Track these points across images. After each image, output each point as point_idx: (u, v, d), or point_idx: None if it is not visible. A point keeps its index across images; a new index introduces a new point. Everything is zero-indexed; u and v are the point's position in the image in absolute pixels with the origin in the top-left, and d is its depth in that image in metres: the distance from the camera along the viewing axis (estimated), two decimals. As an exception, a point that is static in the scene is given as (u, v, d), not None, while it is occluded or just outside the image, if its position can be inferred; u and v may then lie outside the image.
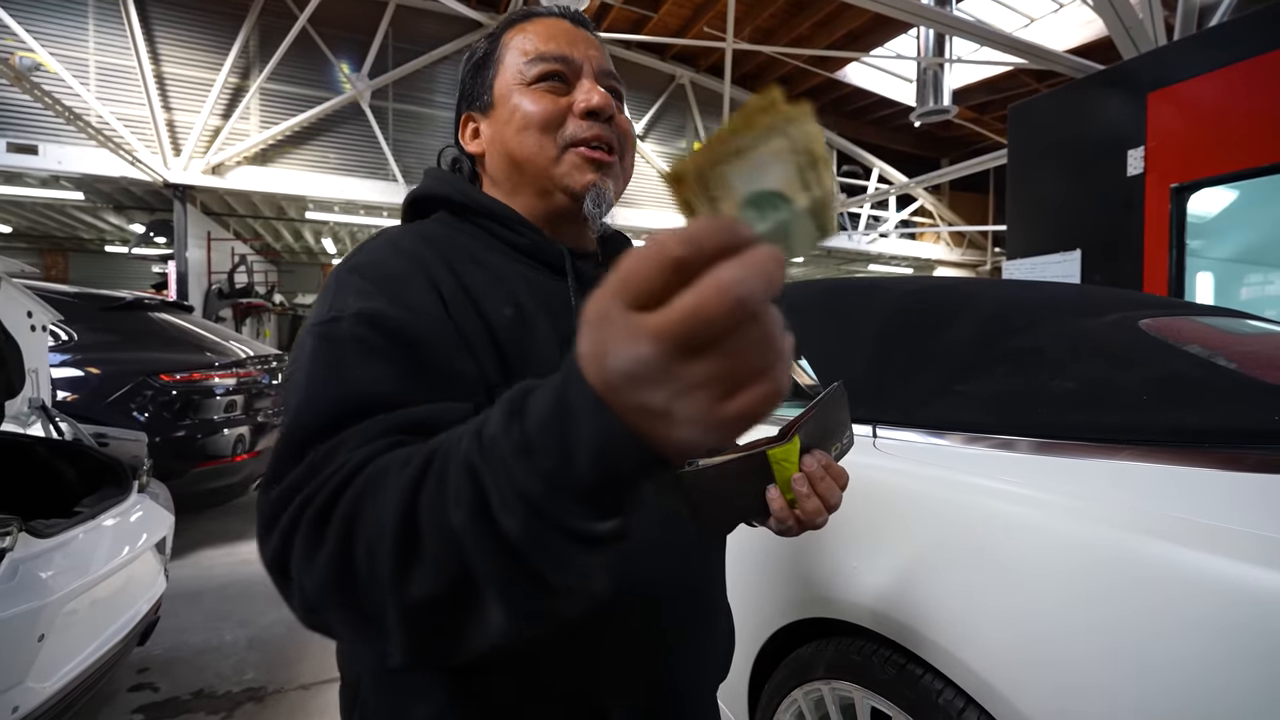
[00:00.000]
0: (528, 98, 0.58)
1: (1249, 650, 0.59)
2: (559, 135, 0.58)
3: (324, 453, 0.40)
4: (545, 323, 0.56)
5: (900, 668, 0.92)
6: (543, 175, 0.58)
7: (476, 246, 0.58)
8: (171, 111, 6.62)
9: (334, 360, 0.45)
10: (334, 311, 0.47)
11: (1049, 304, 1.15)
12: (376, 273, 0.51)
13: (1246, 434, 0.80)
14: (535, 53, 0.59)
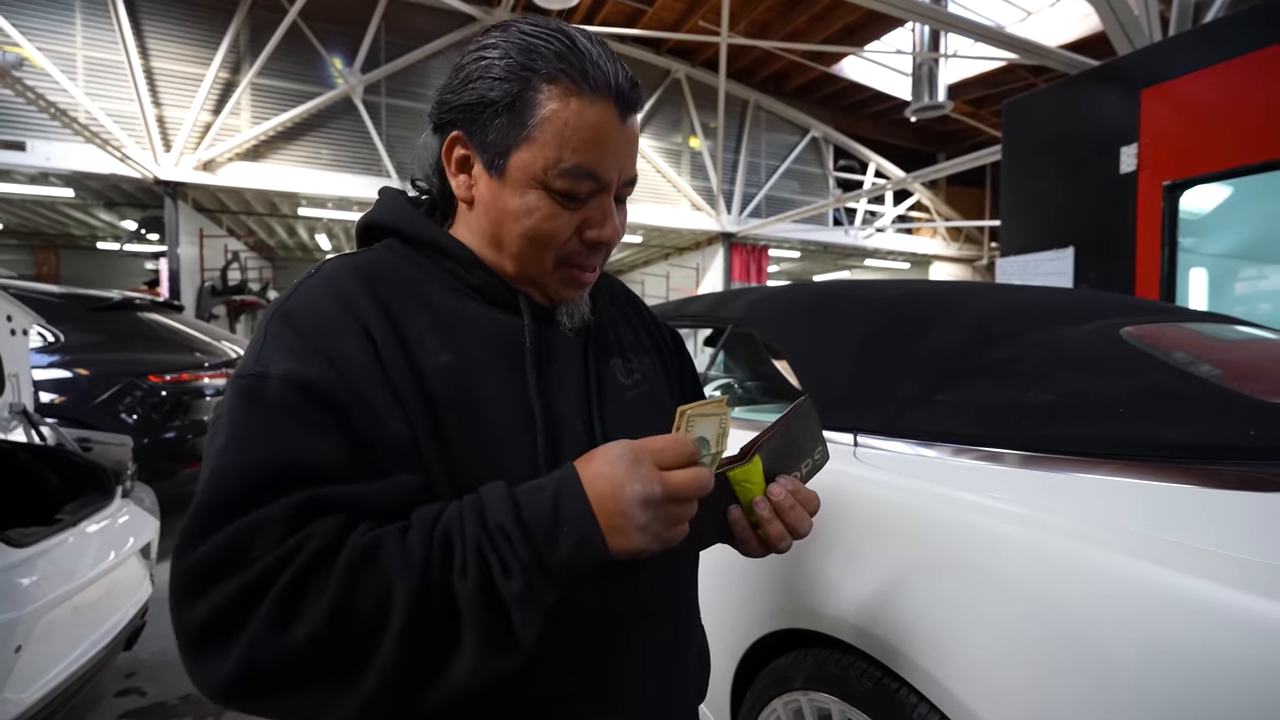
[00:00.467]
0: (545, 205, 0.52)
1: (1228, 675, 0.58)
2: (558, 251, 0.55)
3: (260, 522, 0.40)
4: (494, 370, 0.54)
5: (877, 681, 0.92)
6: (528, 276, 0.57)
7: (423, 279, 0.55)
8: (161, 107, 6.56)
9: (263, 424, 0.44)
10: (260, 366, 0.46)
11: (1031, 311, 1.14)
12: (308, 323, 0.49)
13: (1223, 449, 0.79)
14: (571, 163, 0.51)
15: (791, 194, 10.13)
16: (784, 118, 9.98)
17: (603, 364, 0.62)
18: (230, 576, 0.39)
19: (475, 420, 0.51)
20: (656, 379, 0.68)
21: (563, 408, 0.56)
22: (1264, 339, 1.31)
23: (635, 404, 0.63)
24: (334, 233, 10.26)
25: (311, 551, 0.40)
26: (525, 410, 0.54)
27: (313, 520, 0.42)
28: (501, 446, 0.52)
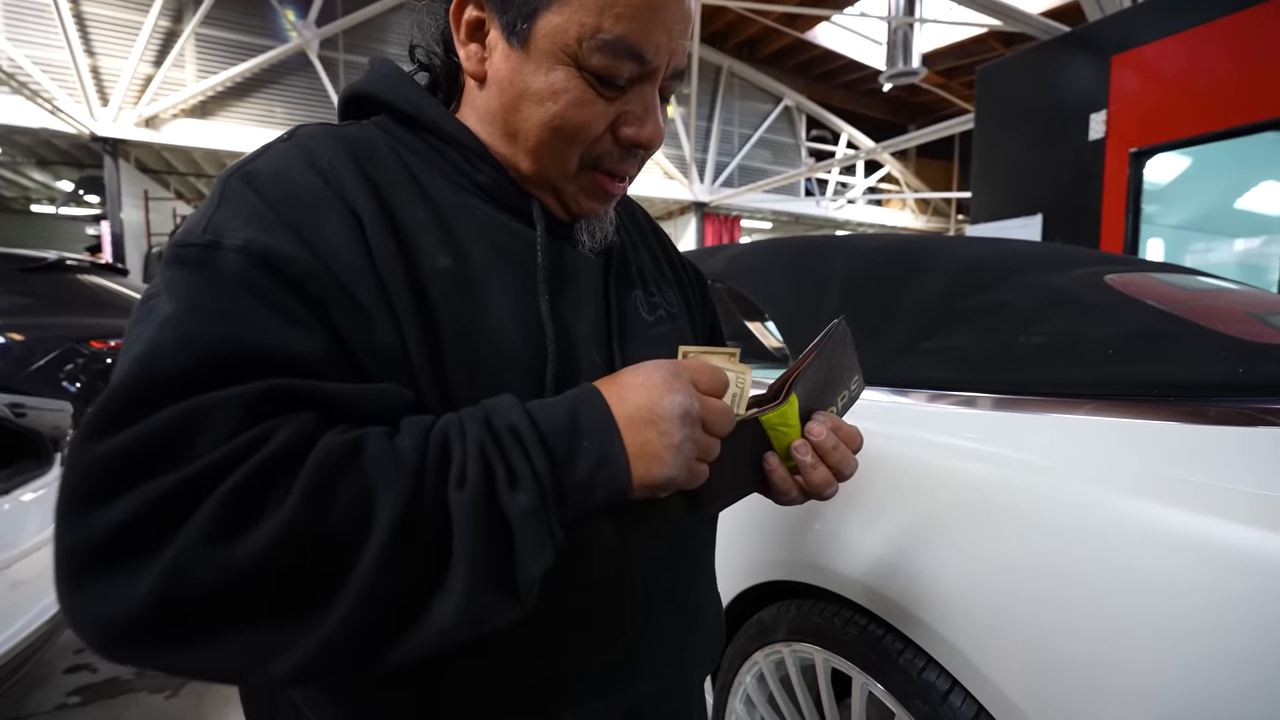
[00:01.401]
0: (575, 91, 0.43)
1: (1223, 607, 0.57)
2: (587, 150, 0.45)
3: (207, 407, 0.30)
4: (502, 283, 0.45)
5: (862, 629, 0.91)
6: (547, 177, 0.47)
7: (421, 167, 0.46)
8: (95, 56, 6.09)
9: (218, 297, 0.34)
10: (211, 235, 0.36)
11: (1016, 260, 1.12)
12: (279, 191, 0.38)
13: (1207, 387, 0.79)
14: (614, 34, 0.41)
15: (764, 164, 10.06)
16: (757, 85, 9.83)
17: (625, 294, 0.53)
18: (155, 475, 0.28)
19: (477, 339, 0.43)
20: (680, 317, 0.59)
21: (579, 335, 0.48)
22: (1231, 289, 1.32)
23: (657, 343, 0.54)
24: (291, 198, 9.83)
25: (273, 449, 0.30)
26: (536, 333, 0.45)
27: (278, 415, 0.32)
28: (506, 371, 0.43)
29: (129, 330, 0.35)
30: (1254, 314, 1.23)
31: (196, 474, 0.29)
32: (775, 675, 1.09)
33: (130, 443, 0.29)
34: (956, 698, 0.77)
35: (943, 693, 0.78)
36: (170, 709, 1.75)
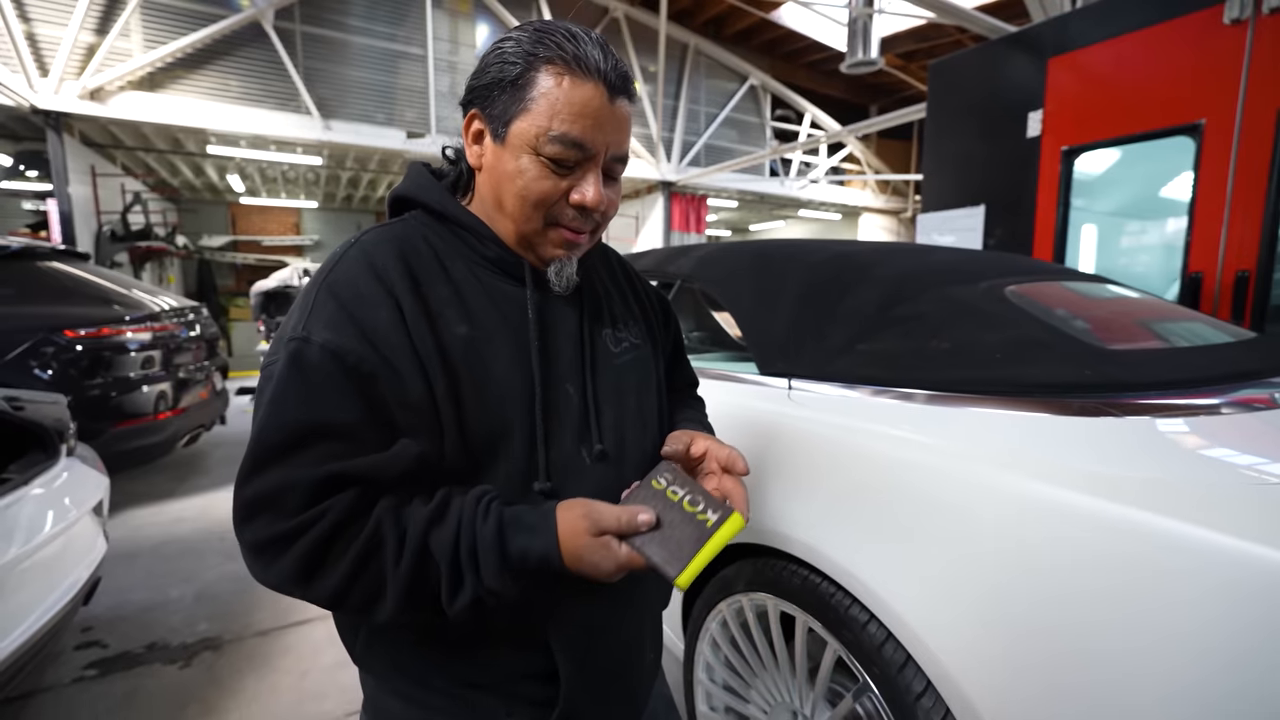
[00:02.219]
0: (534, 168, 0.60)
1: (1080, 559, 0.78)
2: (548, 212, 0.63)
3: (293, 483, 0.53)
4: (503, 338, 0.63)
5: (804, 580, 1.12)
6: (522, 235, 0.65)
7: (446, 251, 0.65)
8: (30, 23, 5.77)
9: (301, 387, 0.55)
10: (305, 331, 0.57)
11: (935, 272, 1.33)
12: (347, 296, 0.58)
13: (1069, 385, 1.01)
14: (559, 132, 0.58)
15: (730, 143, 10.17)
16: (723, 64, 9.89)
17: (596, 333, 0.72)
18: (269, 520, 0.53)
19: (485, 384, 0.61)
20: (643, 344, 0.79)
21: (558, 374, 0.66)
22: (1118, 296, 1.57)
23: (623, 369, 0.74)
24: (247, 173, 9.49)
25: (330, 523, 0.53)
26: (527, 375, 0.64)
27: (334, 493, 0.54)
28: (505, 407, 0.62)
29: (260, 388, 0.59)
30: (1138, 321, 1.48)
31: (289, 529, 0.53)
32: (736, 621, 1.31)
33: (252, 494, 0.54)
34: (873, 626, 0.99)
35: (863, 623, 1.00)
36: (184, 678, 1.89)
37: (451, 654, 0.65)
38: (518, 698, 0.67)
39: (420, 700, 0.67)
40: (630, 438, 0.72)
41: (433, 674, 0.66)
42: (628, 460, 0.71)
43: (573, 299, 0.71)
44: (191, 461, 4.26)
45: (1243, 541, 0.67)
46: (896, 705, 0.96)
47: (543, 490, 0.63)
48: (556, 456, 0.64)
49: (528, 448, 0.62)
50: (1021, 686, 0.80)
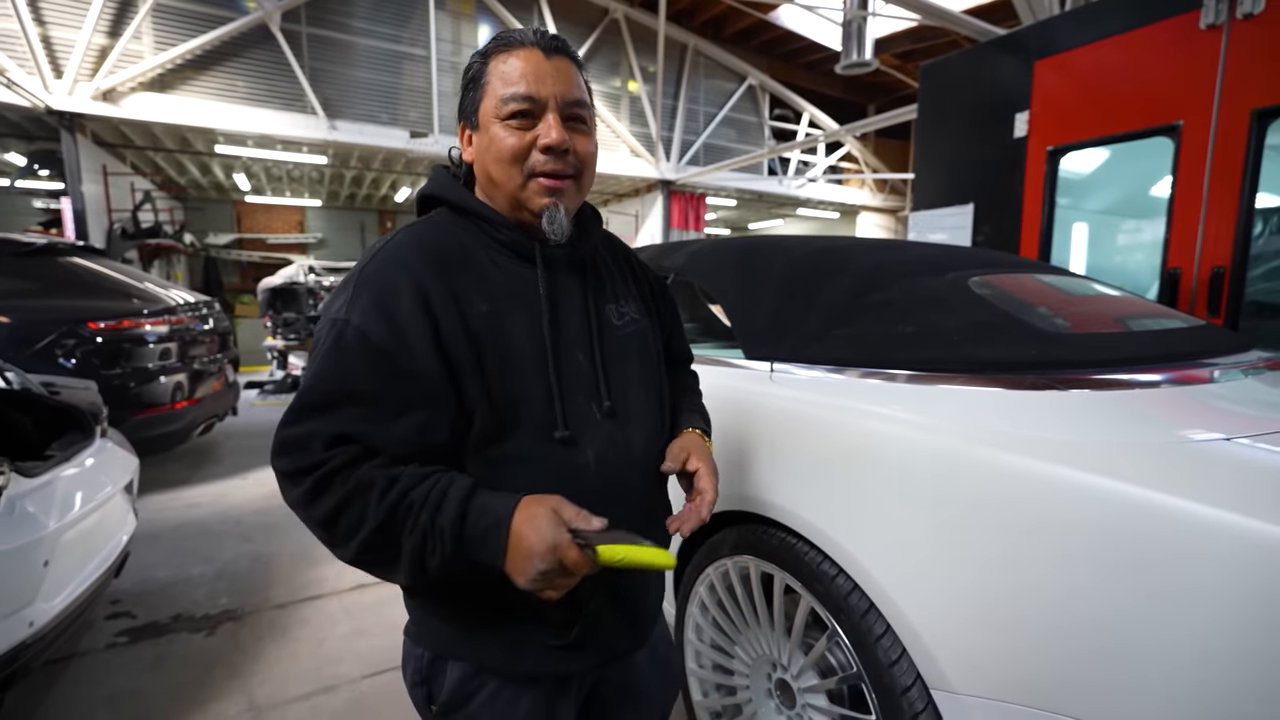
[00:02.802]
0: (501, 131, 0.72)
1: (1038, 518, 0.91)
2: (524, 166, 0.73)
3: (318, 432, 0.66)
4: (519, 312, 0.74)
5: (781, 541, 1.24)
6: (512, 196, 0.75)
7: (468, 240, 0.76)
8: (46, 26, 5.90)
9: (337, 359, 0.68)
10: (347, 313, 0.69)
11: (905, 265, 1.45)
12: (379, 285, 0.70)
13: (1021, 363, 1.13)
14: (509, 90, 0.71)
15: (729, 142, 10.29)
16: (722, 64, 10.00)
17: (600, 308, 0.83)
18: (295, 457, 0.66)
19: (506, 354, 0.72)
20: (642, 320, 0.89)
21: (568, 342, 0.77)
22: (1088, 287, 1.69)
23: (625, 340, 0.84)
24: (253, 172, 9.62)
25: (332, 466, 0.65)
26: (540, 344, 0.74)
27: (342, 445, 0.66)
28: (524, 374, 0.72)
29: (312, 351, 0.71)
30: (1099, 309, 1.60)
31: (307, 465, 0.65)
32: (722, 583, 1.43)
33: (288, 436, 0.67)
34: (841, 579, 1.11)
35: (832, 576, 1.12)
36: (209, 645, 2.02)
37: (484, 580, 0.73)
38: (544, 617, 0.76)
39: (460, 620, 0.77)
40: (633, 397, 0.83)
41: (469, 597, 0.76)
42: (632, 417, 0.81)
43: (579, 278, 0.82)
44: (205, 450, 4.39)
45: (1157, 493, 0.78)
46: (861, 647, 1.08)
47: (562, 438, 0.73)
48: (572, 411, 0.75)
49: (546, 404, 0.73)
50: (965, 624, 0.93)
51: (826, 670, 1.20)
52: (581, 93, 0.75)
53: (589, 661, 0.80)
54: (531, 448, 0.73)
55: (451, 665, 0.78)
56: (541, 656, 0.77)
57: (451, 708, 0.78)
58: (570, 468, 0.74)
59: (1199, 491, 0.77)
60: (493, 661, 0.77)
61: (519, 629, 0.77)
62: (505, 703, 0.77)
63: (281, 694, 1.79)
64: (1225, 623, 0.72)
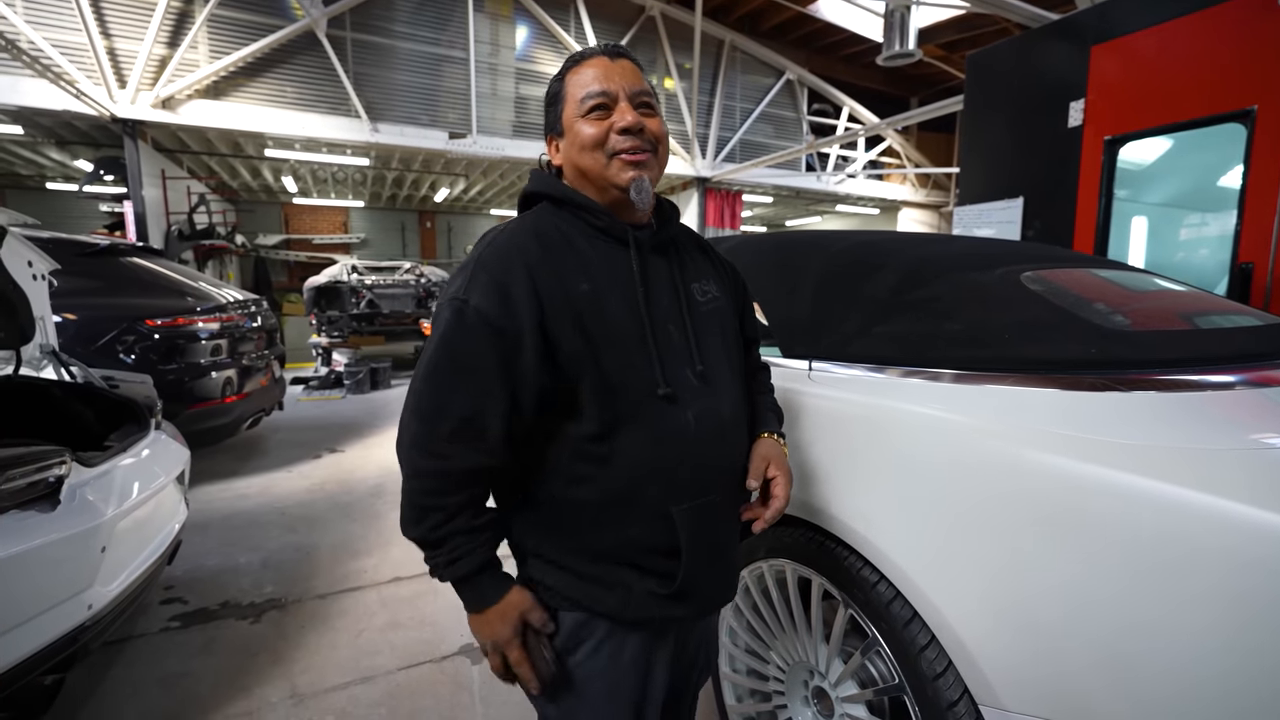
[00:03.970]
0: (583, 125, 0.85)
1: (1082, 523, 0.86)
2: (606, 149, 0.84)
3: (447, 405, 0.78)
4: (615, 291, 0.84)
5: (820, 545, 1.20)
6: (600, 178, 0.86)
7: (568, 229, 0.86)
8: (111, 39, 6.22)
9: (459, 334, 0.78)
10: (465, 295, 0.79)
11: (952, 259, 1.39)
12: (496, 267, 0.80)
13: (1079, 362, 1.06)
14: (585, 92, 0.85)
15: (765, 138, 10.14)
16: (759, 59, 9.86)
17: (686, 285, 0.92)
18: (425, 435, 0.79)
19: (608, 327, 0.82)
20: (723, 299, 0.98)
21: (660, 315, 0.87)
22: (1136, 281, 1.59)
23: (709, 315, 0.94)
24: (300, 175, 9.96)
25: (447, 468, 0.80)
26: (638, 318, 0.84)
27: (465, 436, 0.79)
28: (626, 343, 0.83)
29: (434, 321, 0.82)
30: (1166, 306, 1.50)
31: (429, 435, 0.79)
32: (757, 586, 1.40)
33: (419, 401, 0.80)
34: (882, 586, 1.07)
35: (873, 583, 1.08)
36: (255, 632, 2.09)
37: (593, 532, 0.85)
38: (645, 569, 0.85)
39: (574, 571, 0.86)
40: (719, 366, 0.92)
41: (575, 545, 0.86)
42: (719, 380, 0.91)
43: (665, 259, 0.92)
44: (253, 444, 4.56)
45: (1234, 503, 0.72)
46: (903, 658, 1.03)
47: (665, 395, 0.83)
48: (671, 373, 0.85)
49: (648, 369, 0.83)
50: (1017, 639, 0.88)
51: (866, 680, 1.15)
52: (646, 85, 0.88)
53: (690, 610, 0.89)
54: (639, 408, 0.82)
55: (563, 616, 0.88)
56: (649, 603, 0.86)
57: (562, 654, 0.88)
58: (674, 425, 0.83)
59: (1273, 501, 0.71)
60: (604, 607, 0.86)
61: (628, 578, 0.85)
62: (613, 647, 0.87)
63: (321, 682, 1.84)
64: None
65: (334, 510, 3.25)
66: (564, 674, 0.88)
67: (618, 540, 0.83)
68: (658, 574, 0.85)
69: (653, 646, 0.91)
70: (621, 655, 0.88)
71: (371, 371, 7.05)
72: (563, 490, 0.84)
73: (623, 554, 0.84)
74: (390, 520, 3.12)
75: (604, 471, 0.82)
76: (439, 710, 1.71)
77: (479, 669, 1.89)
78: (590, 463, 0.82)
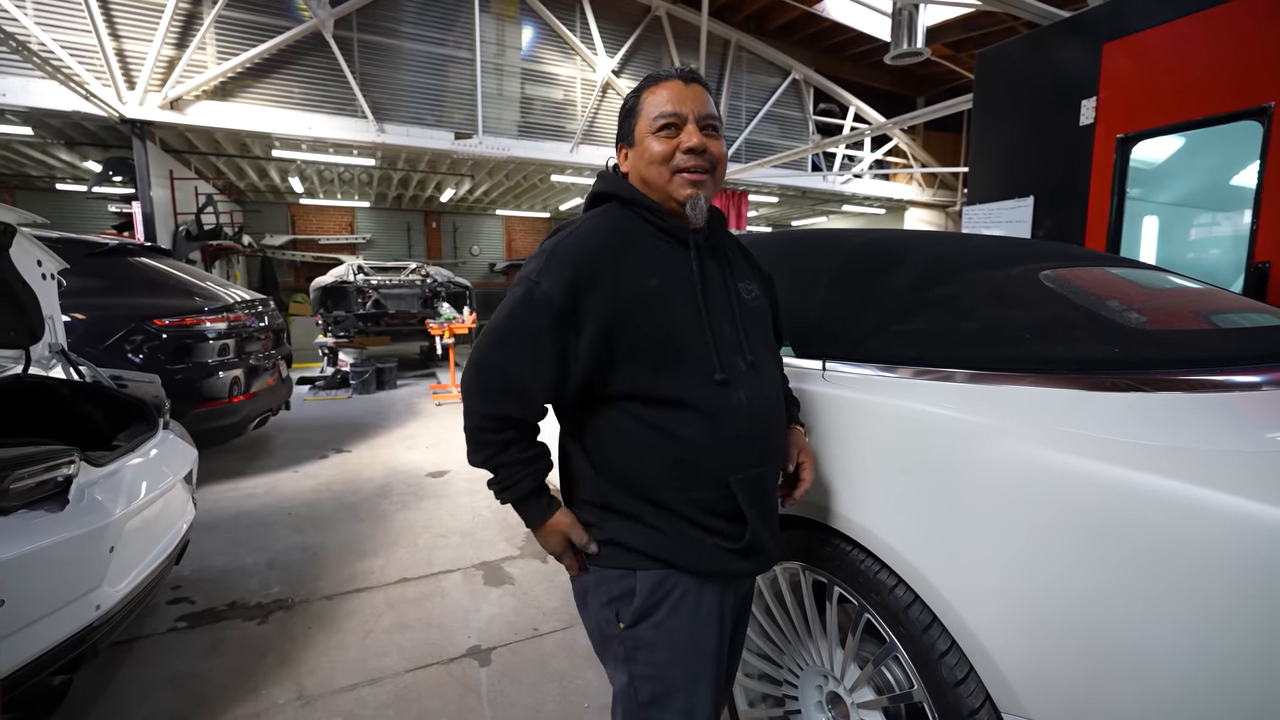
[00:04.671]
0: (653, 141, 0.95)
1: (1106, 526, 0.84)
2: (671, 165, 0.94)
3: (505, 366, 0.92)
4: (677, 286, 0.94)
5: (835, 547, 1.18)
6: (663, 190, 0.96)
7: (635, 229, 0.96)
8: (120, 40, 6.24)
9: (527, 311, 0.89)
10: (537, 277, 0.89)
11: (968, 257, 1.36)
12: (569, 259, 0.90)
13: (1097, 362, 1.04)
14: (658, 111, 0.95)
15: (771, 138, 10.10)
16: (765, 58, 9.82)
17: (734, 285, 1.02)
18: (484, 385, 0.93)
19: (673, 319, 0.92)
20: (763, 299, 1.09)
21: (715, 310, 0.96)
22: (1155, 280, 1.56)
23: (754, 312, 1.03)
24: (306, 175, 9.98)
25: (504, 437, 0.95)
26: (697, 312, 0.94)
27: (515, 394, 0.92)
28: (688, 333, 0.92)
29: (507, 297, 0.93)
30: (1168, 304, 1.48)
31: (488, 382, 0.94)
32: (771, 590, 1.38)
33: (487, 360, 0.93)
34: (900, 589, 1.05)
35: (890, 587, 1.06)
36: (262, 632, 2.08)
37: (661, 489, 0.94)
38: (708, 528, 0.95)
39: (653, 529, 0.95)
40: (763, 354, 1.02)
41: (650, 502, 0.95)
42: (765, 370, 1.01)
43: (717, 262, 1.01)
44: (259, 443, 4.56)
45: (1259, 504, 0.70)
46: (922, 664, 1.01)
47: (720, 380, 0.92)
48: (725, 361, 0.94)
49: (706, 357, 0.92)
50: (1041, 645, 0.85)
51: (883, 686, 1.13)
52: (713, 109, 0.97)
53: (753, 565, 1.00)
54: (699, 390, 0.91)
55: (641, 577, 0.95)
56: (720, 556, 0.95)
57: (644, 615, 0.95)
58: (728, 406, 0.93)
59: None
60: (683, 560, 0.95)
61: (698, 534, 0.95)
62: (692, 599, 0.96)
63: (329, 684, 1.83)
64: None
65: (341, 510, 3.24)
66: (649, 634, 0.96)
67: (684, 499, 0.94)
68: (721, 533, 0.95)
69: (722, 600, 0.99)
70: (700, 609, 0.96)
71: (377, 371, 7.05)
72: (633, 458, 0.94)
73: (688, 512, 0.94)
74: (397, 521, 3.11)
75: (668, 444, 0.92)
76: (447, 712, 1.70)
77: (486, 671, 1.88)
78: (657, 433, 0.92)
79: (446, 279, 8.24)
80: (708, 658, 0.97)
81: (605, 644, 1.01)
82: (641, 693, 0.96)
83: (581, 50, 8.38)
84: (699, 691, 0.96)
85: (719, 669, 1.00)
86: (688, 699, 0.95)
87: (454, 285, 8.21)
